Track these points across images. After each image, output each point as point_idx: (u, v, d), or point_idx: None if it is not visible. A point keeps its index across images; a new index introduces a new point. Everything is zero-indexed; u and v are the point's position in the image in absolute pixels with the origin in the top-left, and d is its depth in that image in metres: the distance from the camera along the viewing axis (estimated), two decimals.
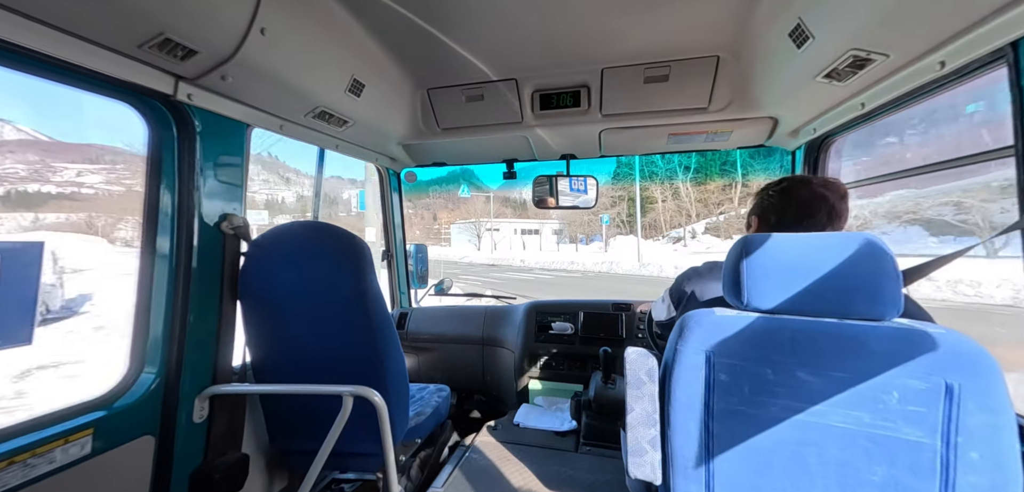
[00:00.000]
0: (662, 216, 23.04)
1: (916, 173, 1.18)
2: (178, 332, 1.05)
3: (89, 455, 0.89)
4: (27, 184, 32.59)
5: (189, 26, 0.85)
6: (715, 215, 20.67)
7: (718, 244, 19.16)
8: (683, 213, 20.79)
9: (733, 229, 19.30)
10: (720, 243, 19.35)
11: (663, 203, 22.53)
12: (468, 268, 19.71)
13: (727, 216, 20.16)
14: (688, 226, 20.73)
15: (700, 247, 19.77)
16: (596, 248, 24.89)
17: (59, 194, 23.86)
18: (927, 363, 0.61)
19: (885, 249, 0.67)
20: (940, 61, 0.85)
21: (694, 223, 20.79)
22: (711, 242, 19.32)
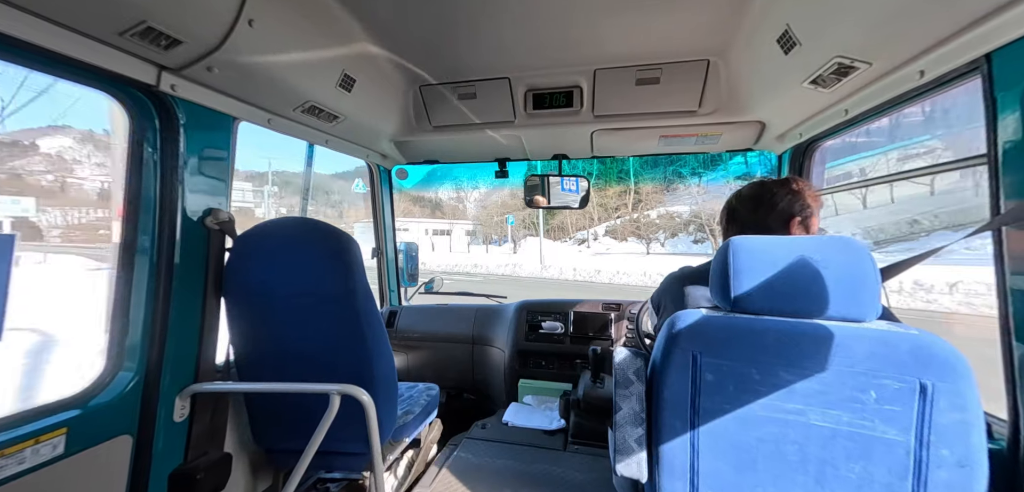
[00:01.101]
0: (569, 218, 23.51)
1: (894, 179, 1.22)
2: (159, 329, 1.03)
3: (62, 455, 0.87)
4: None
5: (173, 15, 0.83)
6: (613, 219, 21.33)
7: (616, 245, 20.26)
8: (587, 217, 21.41)
9: (627, 232, 20.54)
10: (618, 245, 20.44)
11: None
12: None
13: (623, 220, 21.16)
14: (591, 229, 21.34)
15: (601, 248, 20.67)
16: (507, 250, 24.93)
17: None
18: (903, 364, 0.63)
19: (865, 253, 0.69)
20: (920, 70, 0.88)
21: (596, 226, 21.48)
22: (610, 244, 20.42)
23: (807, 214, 0.92)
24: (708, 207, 17.85)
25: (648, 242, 19.84)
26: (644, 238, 20.20)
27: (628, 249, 19.98)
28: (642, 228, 20.62)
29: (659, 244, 19.73)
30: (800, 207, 0.91)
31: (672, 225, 19.64)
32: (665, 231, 19.86)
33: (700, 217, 17.76)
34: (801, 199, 0.92)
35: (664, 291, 1.04)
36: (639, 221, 20.89)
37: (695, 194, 18.80)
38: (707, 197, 18.08)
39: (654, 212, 19.51)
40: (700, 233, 17.74)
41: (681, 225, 19.45)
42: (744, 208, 0.98)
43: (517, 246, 25.33)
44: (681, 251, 18.47)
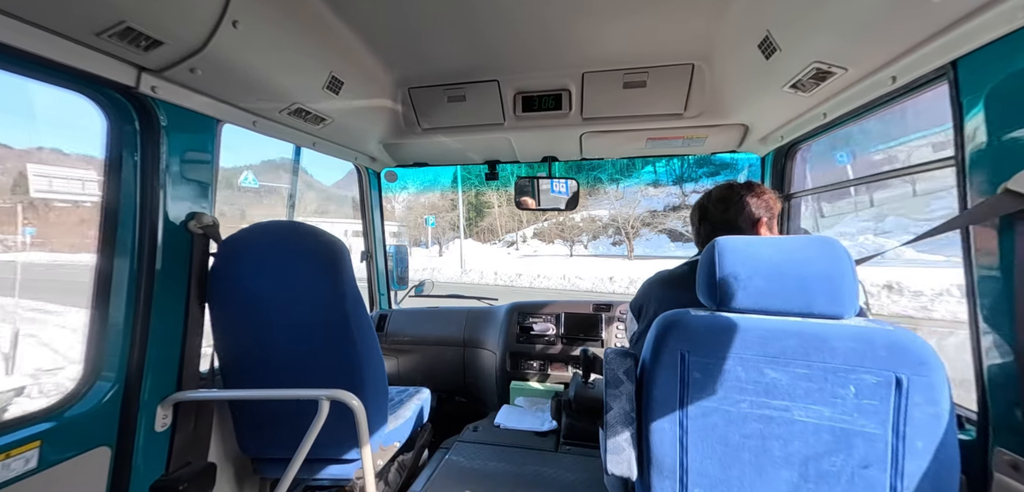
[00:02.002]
0: (498, 221, 23.44)
1: (866, 181, 1.27)
2: (139, 337, 1.00)
3: (35, 469, 0.83)
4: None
5: (153, 16, 0.81)
6: (541, 221, 21.61)
7: (544, 247, 20.49)
8: (516, 218, 21.58)
9: (554, 234, 20.69)
10: (545, 246, 20.65)
11: (499, 208, 23.00)
12: None
13: (550, 222, 21.37)
14: (520, 231, 21.58)
15: (529, 250, 20.82)
16: (434, 251, 24.58)
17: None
18: (880, 359, 0.65)
19: (844, 252, 0.72)
20: (892, 76, 0.92)
21: (525, 228, 21.71)
22: (538, 246, 20.66)
23: (771, 217, 1.00)
24: (623, 212, 18.29)
25: (571, 244, 19.94)
26: (568, 240, 20.28)
27: (554, 251, 20.13)
28: (567, 231, 20.68)
29: (582, 246, 19.96)
30: (766, 210, 0.99)
31: (594, 228, 20.03)
32: (588, 234, 20.18)
33: (617, 221, 18.17)
34: (767, 203, 0.99)
35: (645, 295, 1.07)
36: (565, 224, 20.92)
37: (613, 198, 19.07)
38: (623, 203, 18.48)
39: (578, 215, 19.80)
40: (618, 236, 18.19)
41: (601, 228, 19.74)
42: (716, 209, 1.03)
43: (442, 248, 24.69)
44: (602, 253, 18.84)
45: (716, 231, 0.97)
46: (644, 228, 18.68)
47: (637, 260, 15.98)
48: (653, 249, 17.87)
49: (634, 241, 18.13)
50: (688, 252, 18.15)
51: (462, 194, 19.85)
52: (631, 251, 17.35)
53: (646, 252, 17.65)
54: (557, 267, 14.87)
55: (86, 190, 6.08)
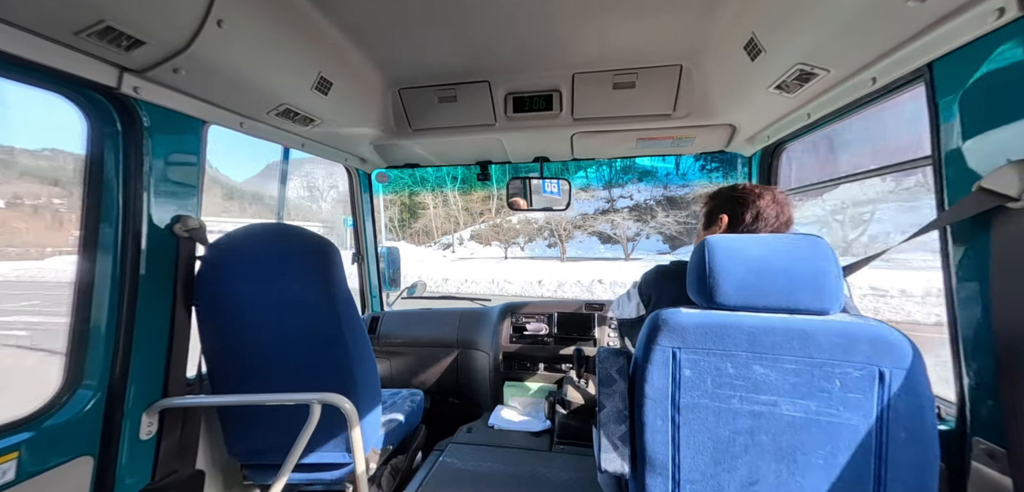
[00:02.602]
0: (434, 222, 22.84)
1: (846, 180, 1.30)
2: (123, 343, 0.97)
3: (13, 482, 0.81)
4: None
5: (134, 15, 0.79)
6: (478, 223, 21.51)
7: (480, 249, 20.28)
8: (452, 220, 21.38)
9: (491, 236, 20.61)
10: (482, 249, 20.44)
11: (434, 210, 22.61)
12: None
13: (487, 224, 21.15)
14: (456, 233, 21.57)
15: (466, 252, 20.70)
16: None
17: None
18: (863, 353, 0.67)
19: (829, 249, 0.74)
20: (872, 77, 0.94)
21: (462, 230, 21.67)
22: (475, 248, 20.48)
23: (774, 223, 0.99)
24: (556, 215, 18.54)
25: (507, 246, 19.81)
26: (505, 242, 20.12)
27: (490, 253, 19.97)
28: (503, 233, 20.45)
29: (519, 248, 20.01)
30: (788, 221, 0.98)
31: (530, 230, 20.10)
32: (524, 236, 20.27)
33: (551, 223, 18.39)
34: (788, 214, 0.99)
35: (651, 284, 1.06)
36: (502, 226, 20.66)
37: None
38: None
39: (515, 217, 19.81)
40: (553, 238, 18.42)
41: (537, 231, 19.85)
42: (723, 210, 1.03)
43: None
44: (538, 255, 19.00)
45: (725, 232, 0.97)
46: (576, 231, 18.94)
47: (569, 262, 16.15)
48: (585, 251, 18.19)
49: (567, 243, 18.27)
50: (616, 253, 17.36)
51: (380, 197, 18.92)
52: (564, 254, 17.50)
53: (578, 254, 17.85)
54: (489, 270, 14.69)
55: None
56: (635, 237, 17.57)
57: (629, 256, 16.49)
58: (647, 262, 13.29)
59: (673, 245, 16.82)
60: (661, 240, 17.32)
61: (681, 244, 16.67)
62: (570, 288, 10.89)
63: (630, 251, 16.87)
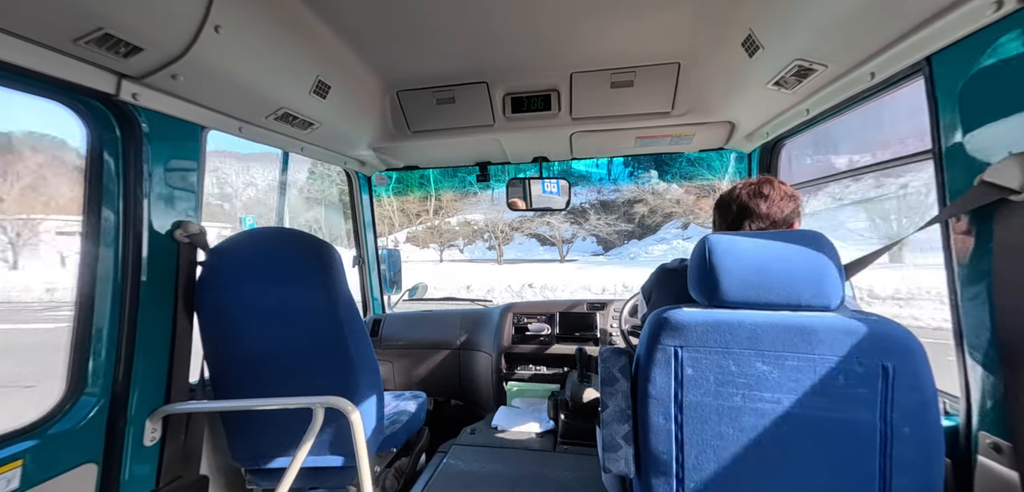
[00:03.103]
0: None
1: (846, 176, 1.30)
2: (125, 349, 0.97)
3: (18, 490, 0.81)
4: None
5: (132, 22, 0.79)
6: (415, 225, 21.15)
7: (417, 252, 20.13)
8: (386, 221, 20.90)
9: (429, 239, 20.43)
10: (418, 251, 20.28)
11: None
12: None
13: (425, 226, 20.83)
14: (391, 235, 21.28)
15: (402, 255, 20.51)
16: None
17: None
18: (867, 348, 0.67)
19: (829, 244, 0.74)
20: (871, 72, 0.94)
21: (397, 232, 21.41)
22: (411, 251, 20.36)
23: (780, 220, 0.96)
24: (493, 216, 18.48)
25: (442, 249, 19.50)
26: (441, 245, 19.81)
27: (426, 256, 19.66)
28: (442, 235, 20.09)
29: (458, 250, 19.81)
30: (797, 215, 0.96)
31: (469, 232, 19.94)
32: (464, 238, 20.16)
33: (496, 227, 18.36)
34: (798, 208, 0.96)
35: (655, 283, 1.06)
36: (440, 227, 20.30)
37: (488, 203, 19.06)
38: (499, 207, 18.61)
39: (454, 219, 19.63)
40: (493, 240, 18.41)
41: (477, 233, 19.73)
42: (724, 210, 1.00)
43: None
44: (477, 257, 18.89)
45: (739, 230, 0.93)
46: (515, 233, 18.94)
47: (506, 264, 16.08)
48: (525, 253, 18.18)
49: (506, 246, 18.17)
50: (554, 255, 17.49)
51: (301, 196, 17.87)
52: (500, 256, 17.36)
53: (518, 256, 17.81)
54: (418, 274, 14.30)
55: None
56: (571, 240, 17.69)
57: (564, 258, 16.66)
58: (581, 264, 12.60)
59: (606, 247, 17.14)
60: (595, 242, 17.56)
61: (612, 246, 16.99)
62: (500, 294, 10.58)
63: (565, 253, 17.06)
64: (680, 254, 10.36)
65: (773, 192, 0.94)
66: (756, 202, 0.94)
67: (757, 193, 0.95)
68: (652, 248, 15.85)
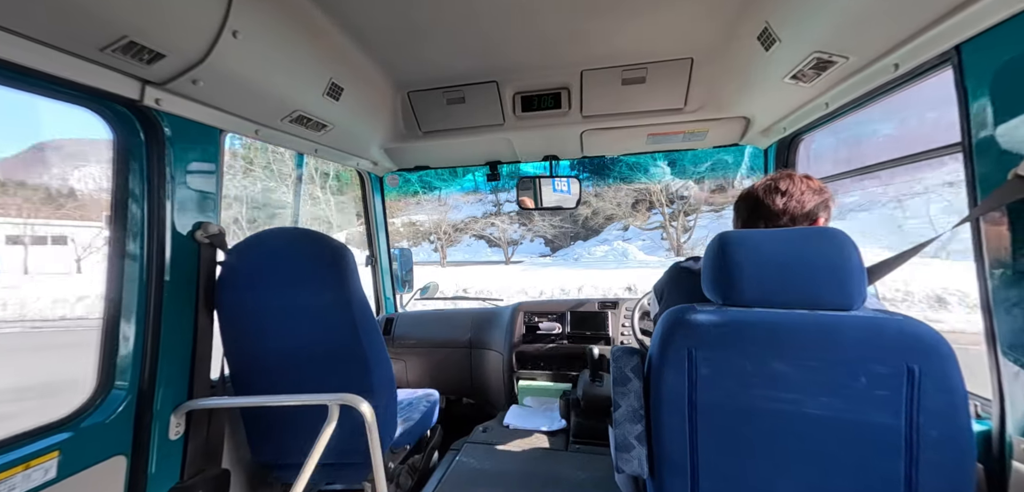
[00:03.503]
0: (302, 222, 22.36)
1: (872, 170, 1.25)
2: (151, 346, 1.01)
3: (54, 480, 0.84)
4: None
5: (155, 29, 0.82)
6: (357, 226, 20.72)
7: (358, 254, 19.70)
8: (322, 222, 20.11)
9: None
10: (359, 253, 19.86)
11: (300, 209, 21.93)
12: None
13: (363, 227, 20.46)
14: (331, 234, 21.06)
15: None
16: None
17: None
18: (890, 349, 0.65)
19: (850, 242, 0.71)
20: (894, 63, 0.91)
21: (334, 232, 20.96)
22: (354, 254, 20.15)
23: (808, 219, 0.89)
24: (437, 217, 18.10)
25: None
26: None
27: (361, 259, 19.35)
28: None
29: None
30: (824, 209, 0.89)
31: (413, 233, 19.64)
32: (409, 239, 19.96)
33: (440, 227, 18.00)
34: (826, 202, 0.90)
35: (668, 282, 1.03)
36: None
37: (435, 205, 18.61)
38: (445, 208, 18.20)
39: (398, 219, 19.22)
40: (438, 242, 18.08)
41: (423, 235, 19.44)
42: (740, 211, 0.95)
43: None
44: (422, 260, 18.72)
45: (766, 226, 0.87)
46: (461, 234, 18.71)
47: (450, 267, 15.77)
48: (472, 254, 17.93)
49: (452, 247, 17.85)
50: (500, 257, 17.10)
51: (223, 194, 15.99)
52: (444, 258, 17.02)
53: (466, 257, 17.54)
54: None
55: None
56: (519, 241, 17.49)
57: (509, 260, 16.54)
58: (527, 265, 12.31)
59: (554, 248, 17.09)
60: (543, 243, 17.51)
61: (560, 247, 16.98)
62: None
63: (511, 254, 16.92)
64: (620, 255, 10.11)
65: (793, 187, 0.88)
66: (771, 198, 0.89)
67: (773, 188, 0.89)
68: (595, 249, 15.78)
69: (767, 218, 0.89)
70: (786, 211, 0.87)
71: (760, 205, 0.90)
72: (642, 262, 13.64)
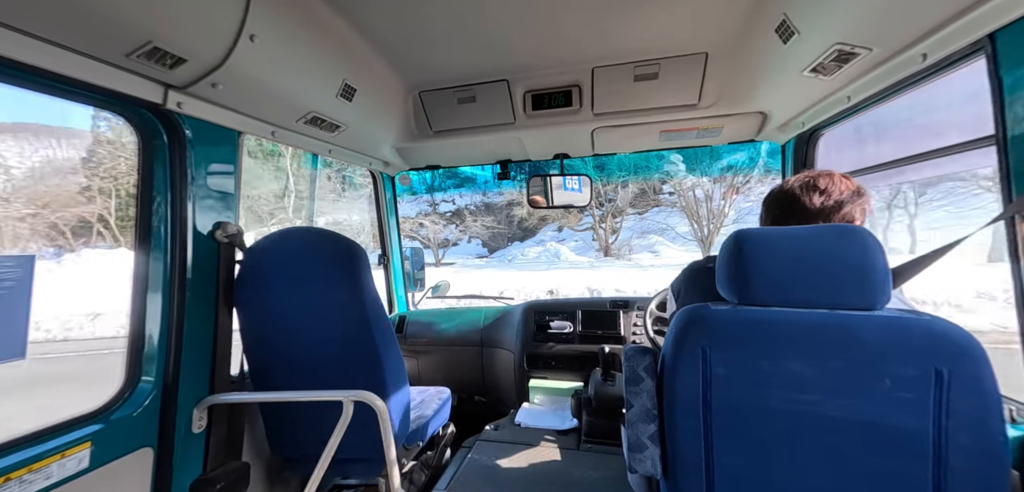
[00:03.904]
0: None
1: (901, 164, 1.20)
2: (174, 342, 1.04)
3: (87, 469, 0.88)
4: None
5: (177, 34, 0.84)
6: (269, 225, 19.34)
7: None
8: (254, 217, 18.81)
9: None
10: None
11: None
12: None
13: (282, 226, 19.12)
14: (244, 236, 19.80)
15: None
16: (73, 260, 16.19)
17: None
18: (917, 350, 0.62)
19: (874, 239, 0.68)
20: (922, 53, 0.87)
21: (246, 234, 19.83)
22: None
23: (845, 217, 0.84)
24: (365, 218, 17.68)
25: None
26: None
27: None
28: None
29: None
30: (861, 212, 0.84)
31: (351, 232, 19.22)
32: None
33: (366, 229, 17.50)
34: (863, 204, 0.84)
35: (684, 281, 1.00)
36: None
37: (365, 202, 17.93)
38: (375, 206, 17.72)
39: (322, 221, 18.56)
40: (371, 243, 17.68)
41: (354, 236, 19.01)
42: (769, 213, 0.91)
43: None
44: None
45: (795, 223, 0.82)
46: None
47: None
48: None
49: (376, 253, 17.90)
50: (430, 257, 16.80)
51: None
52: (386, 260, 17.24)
53: None
54: None
55: None
56: (455, 242, 17.34)
57: (440, 261, 16.42)
58: (458, 267, 12.08)
59: (491, 250, 17.09)
60: (480, 245, 17.45)
61: (497, 248, 17.00)
62: None
63: (441, 256, 16.78)
64: (553, 256, 9.89)
65: (832, 185, 0.83)
66: (809, 196, 0.83)
67: (811, 186, 0.83)
68: (528, 250, 15.74)
69: (801, 216, 0.84)
70: (823, 211, 0.82)
71: (796, 203, 0.84)
72: (573, 263, 13.82)
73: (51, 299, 7.68)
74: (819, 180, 0.85)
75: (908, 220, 10.36)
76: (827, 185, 0.84)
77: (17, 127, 11.93)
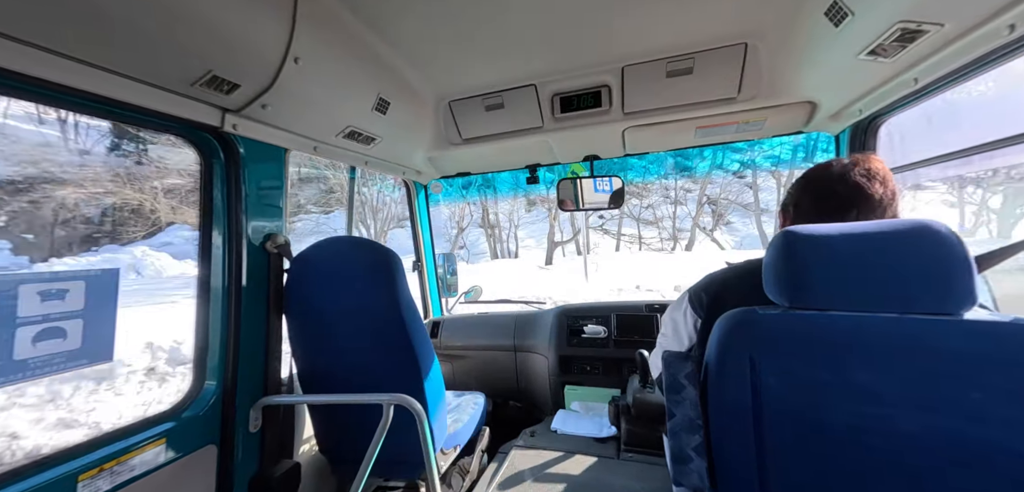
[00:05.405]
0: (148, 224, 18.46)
1: (968, 154, 1.07)
2: (232, 346, 1.12)
3: (162, 464, 0.97)
4: None
5: (233, 62, 0.92)
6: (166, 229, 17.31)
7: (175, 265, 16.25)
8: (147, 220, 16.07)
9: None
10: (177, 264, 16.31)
11: (154, 212, 17.65)
12: None
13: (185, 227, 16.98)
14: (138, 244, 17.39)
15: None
16: None
17: None
18: (1014, 360, 0.54)
19: (951, 235, 0.60)
20: (1009, 24, 0.76)
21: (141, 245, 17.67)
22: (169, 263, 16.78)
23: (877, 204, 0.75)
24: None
25: None
26: None
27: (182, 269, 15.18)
28: None
29: None
30: (866, 195, 0.74)
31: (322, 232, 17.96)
32: None
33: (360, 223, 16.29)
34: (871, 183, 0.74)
35: (705, 289, 0.90)
36: None
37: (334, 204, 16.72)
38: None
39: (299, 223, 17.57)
40: None
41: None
42: (795, 197, 0.82)
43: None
44: None
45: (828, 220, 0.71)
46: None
47: None
48: None
49: None
50: None
51: None
52: None
53: None
54: None
55: None
56: None
57: None
58: None
59: None
60: None
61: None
62: None
63: None
64: None
65: (884, 171, 0.74)
66: (873, 186, 0.73)
67: (871, 174, 0.73)
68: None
69: (863, 208, 0.73)
70: (882, 202, 0.73)
71: (859, 193, 0.73)
72: None
73: None
74: (872, 164, 0.75)
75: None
76: (880, 169, 0.74)
77: None
